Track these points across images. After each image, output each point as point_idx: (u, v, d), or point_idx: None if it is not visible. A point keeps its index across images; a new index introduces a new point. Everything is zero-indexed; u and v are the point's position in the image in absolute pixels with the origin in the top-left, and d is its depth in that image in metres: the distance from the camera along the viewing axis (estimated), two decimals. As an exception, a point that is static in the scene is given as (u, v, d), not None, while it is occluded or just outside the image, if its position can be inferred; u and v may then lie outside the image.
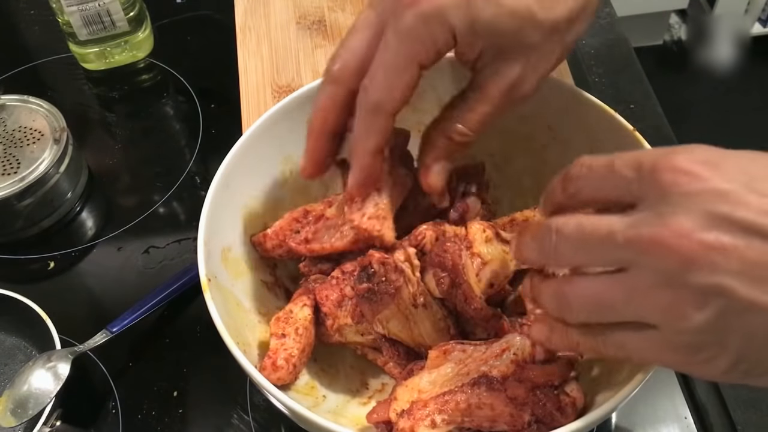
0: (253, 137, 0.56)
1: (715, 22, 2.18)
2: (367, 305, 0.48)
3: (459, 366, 0.47)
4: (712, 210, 0.32)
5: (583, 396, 0.45)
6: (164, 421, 0.61)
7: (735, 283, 0.31)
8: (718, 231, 0.31)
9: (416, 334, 0.50)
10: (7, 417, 0.57)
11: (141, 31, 0.87)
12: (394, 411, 0.46)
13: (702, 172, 0.32)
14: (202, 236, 0.51)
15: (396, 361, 0.51)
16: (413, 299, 0.49)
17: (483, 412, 0.43)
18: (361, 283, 0.48)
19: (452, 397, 0.44)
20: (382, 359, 0.53)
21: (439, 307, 0.50)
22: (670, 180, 0.33)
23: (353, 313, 0.50)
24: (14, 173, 0.71)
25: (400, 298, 0.48)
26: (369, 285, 0.48)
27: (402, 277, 0.48)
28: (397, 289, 0.48)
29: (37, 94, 0.78)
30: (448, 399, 0.44)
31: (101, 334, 0.63)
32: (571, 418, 0.43)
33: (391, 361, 0.52)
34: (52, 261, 0.73)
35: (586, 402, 0.46)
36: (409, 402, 0.46)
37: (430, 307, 0.50)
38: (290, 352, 0.50)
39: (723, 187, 0.32)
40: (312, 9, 0.89)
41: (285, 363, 0.49)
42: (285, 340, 0.50)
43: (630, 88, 0.82)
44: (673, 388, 0.60)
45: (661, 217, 0.32)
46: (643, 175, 0.34)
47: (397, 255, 0.49)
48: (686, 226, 0.32)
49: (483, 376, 0.45)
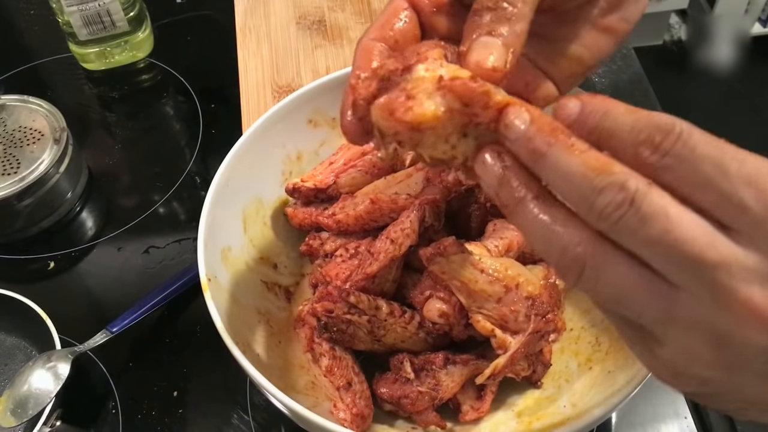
0: (253, 137, 0.56)
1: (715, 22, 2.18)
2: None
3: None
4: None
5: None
6: (164, 421, 0.61)
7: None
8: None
9: (391, 345, 0.51)
10: (7, 417, 0.57)
11: (141, 31, 0.87)
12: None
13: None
14: (202, 236, 0.51)
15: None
16: (373, 335, 0.50)
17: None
18: (322, 333, 0.50)
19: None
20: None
21: (404, 328, 0.51)
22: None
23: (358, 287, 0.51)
24: (14, 173, 0.71)
25: (358, 338, 0.50)
26: (328, 335, 0.50)
27: (350, 326, 0.49)
28: (352, 334, 0.50)
29: (37, 94, 0.78)
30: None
31: (101, 334, 0.63)
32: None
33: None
34: (52, 261, 0.73)
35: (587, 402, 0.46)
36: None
37: (395, 331, 0.50)
38: (365, 393, 0.50)
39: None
40: (312, 9, 0.89)
41: (367, 407, 0.50)
42: (353, 387, 0.50)
43: (630, 88, 0.82)
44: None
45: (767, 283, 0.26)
46: (764, 212, 0.26)
47: (340, 306, 0.49)
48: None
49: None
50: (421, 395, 0.49)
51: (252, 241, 0.58)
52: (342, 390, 0.49)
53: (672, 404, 0.59)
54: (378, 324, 0.49)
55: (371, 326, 0.49)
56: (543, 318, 0.45)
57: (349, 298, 0.48)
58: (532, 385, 0.53)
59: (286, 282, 0.59)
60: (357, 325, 0.49)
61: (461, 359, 0.50)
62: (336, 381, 0.50)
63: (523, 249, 0.52)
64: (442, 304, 0.48)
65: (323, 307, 0.49)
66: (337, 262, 0.52)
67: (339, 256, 0.53)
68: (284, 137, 0.59)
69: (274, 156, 0.59)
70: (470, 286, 0.46)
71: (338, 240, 0.56)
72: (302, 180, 0.58)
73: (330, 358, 0.50)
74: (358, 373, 0.51)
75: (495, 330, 0.46)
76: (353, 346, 0.51)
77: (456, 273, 0.46)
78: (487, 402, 0.51)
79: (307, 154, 0.61)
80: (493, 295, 0.46)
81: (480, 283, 0.46)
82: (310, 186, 0.57)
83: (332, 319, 0.49)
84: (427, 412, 0.50)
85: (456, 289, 0.47)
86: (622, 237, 0.28)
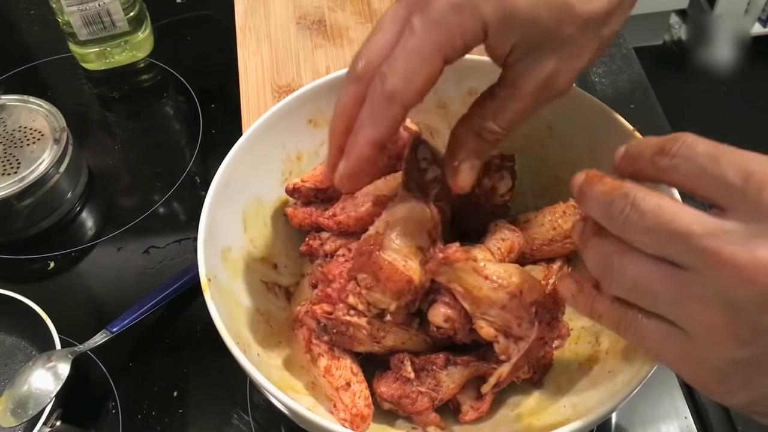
0: (253, 137, 0.56)
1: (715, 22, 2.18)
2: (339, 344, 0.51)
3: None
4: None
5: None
6: (164, 421, 0.61)
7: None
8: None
9: (391, 348, 0.51)
10: (7, 417, 0.57)
11: (141, 31, 0.87)
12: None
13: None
14: (202, 236, 0.51)
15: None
16: (373, 338, 0.49)
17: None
18: (321, 336, 0.50)
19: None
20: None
21: (405, 330, 0.50)
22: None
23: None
24: (14, 173, 0.71)
25: (358, 340, 0.50)
26: (328, 337, 0.50)
27: (350, 328, 0.49)
28: (351, 336, 0.49)
29: (37, 94, 0.78)
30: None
31: (101, 334, 0.63)
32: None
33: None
34: (52, 261, 0.73)
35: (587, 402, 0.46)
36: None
37: (395, 333, 0.50)
38: (364, 393, 0.50)
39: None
40: (312, 9, 0.89)
41: (367, 407, 0.49)
42: (352, 387, 0.50)
43: (630, 88, 0.82)
44: (673, 388, 0.60)
45: (749, 241, 0.30)
46: (748, 190, 0.31)
47: (340, 307, 0.49)
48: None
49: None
50: (422, 395, 0.49)
51: (252, 241, 0.58)
52: (341, 390, 0.49)
53: (672, 404, 0.59)
54: (378, 326, 0.49)
55: (371, 328, 0.49)
56: (547, 325, 0.45)
57: (348, 300, 0.48)
58: (533, 385, 0.53)
59: (286, 282, 0.59)
60: (357, 327, 0.49)
61: (462, 360, 0.50)
62: (335, 381, 0.50)
63: (523, 249, 0.52)
64: (447, 309, 0.47)
65: (323, 309, 0.49)
66: (340, 262, 0.52)
67: (342, 256, 0.53)
68: (284, 137, 0.59)
69: (274, 156, 0.59)
70: (474, 292, 0.45)
71: (338, 240, 0.56)
72: (302, 180, 0.58)
73: (328, 359, 0.50)
74: (357, 373, 0.51)
75: (498, 336, 0.46)
76: (353, 347, 0.50)
77: (460, 280, 0.46)
78: (487, 402, 0.51)
79: (307, 154, 0.61)
80: (497, 302, 0.45)
81: (484, 289, 0.45)
82: (310, 186, 0.57)
83: (332, 321, 0.49)
84: (427, 412, 0.50)
85: (460, 296, 0.46)
86: (631, 233, 0.34)
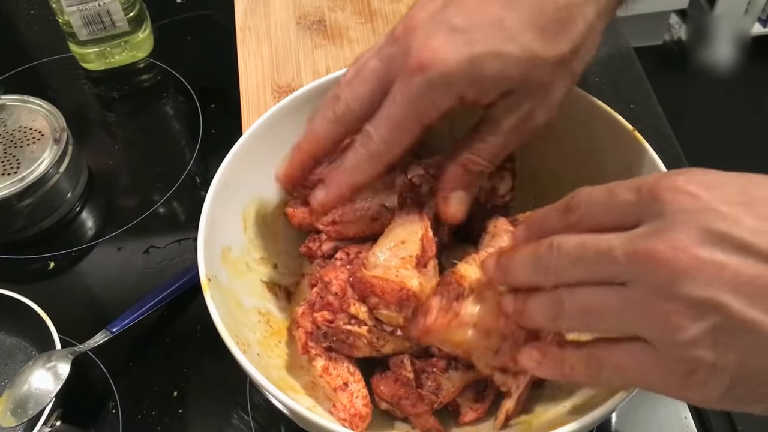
0: (253, 137, 0.56)
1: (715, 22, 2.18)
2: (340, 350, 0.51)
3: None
4: (708, 227, 0.32)
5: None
6: (164, 421, 0.61)
7: (729, 299, 0.32)
8: (713, 247, 0.32)
9: (390, 355, 0.51)
10: (7, 417, 0.57)
11: (141, 31, 0.87)
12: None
13: (701, 192, 0.33)
14: (202, 236, 0.51)
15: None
16: (372, 346, 0.49)
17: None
18: (321, 341, 0.50)
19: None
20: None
21: (407, 338, 0.50)
22: (670, 198, 0.34)
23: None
24: (14, 173, 0.71)
25: (358, 348, 0.50)
26: (328, 344, 0.50)
27: (350, 336, 0.49)
28: (351, 344, 0.49)
29: (37, 94, 0.78)
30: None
31: (101, 334, 0.63)
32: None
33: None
34: (52, 261, 0.73)
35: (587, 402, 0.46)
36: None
37: (395, 341, 0.50)
38: (362, 393, 0.50)
39: (721, 206, 0.33)
40: (312, 9, 0.89)
41: (365, 407, 0.49)
42: (350, 387, 0.50)
43: (630, 88, 0.82)
44: (673, 388, 0.60)
45: (659, 233, 0.33)
46: (642, 197, 0.35)
47: (341, 316, 0.49)
48: (682, 241, 0.32)
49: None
50: (421, 397, 0.49)
51: (252, 241, 0.58)
52: (338, 390, 0.49)
53: (672, 404, 0.59)
54: (378, 335, 0.49)
55: (371, 337, 0.49)
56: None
57: (349, 309, 0.48)
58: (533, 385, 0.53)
59: (286, 282, 0.59)
60: (357, 336, 0.49)
61: (462, 366, 0.50)
62: (332, 381, 0.50)
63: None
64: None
65: (324, 318, 0.49)
66: (336, 266, 0.52)
67: (339, 260, 0.53)
68: (284, 137, 0.58)
69: (274, 156, 0.59)
70: (464, 346, 0.45)
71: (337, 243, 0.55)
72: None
73: (325, 359, 0.50)
74: (354, 373, 0.51)
75: (495, 374, 0.47)
76: (352, 354, 0.50)
77: (446, 341, 0.45)
78: (486, 403, 0.51)
79: (307, 154, 0.61)
80: (491, 348, 0.45)
81: (473, 342, 0.44)
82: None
83: (332, 329, 0.49)
84: (427, 415, 0.50)
85: (452, 351, 0.46)
86: (566, 272, 0.37)
